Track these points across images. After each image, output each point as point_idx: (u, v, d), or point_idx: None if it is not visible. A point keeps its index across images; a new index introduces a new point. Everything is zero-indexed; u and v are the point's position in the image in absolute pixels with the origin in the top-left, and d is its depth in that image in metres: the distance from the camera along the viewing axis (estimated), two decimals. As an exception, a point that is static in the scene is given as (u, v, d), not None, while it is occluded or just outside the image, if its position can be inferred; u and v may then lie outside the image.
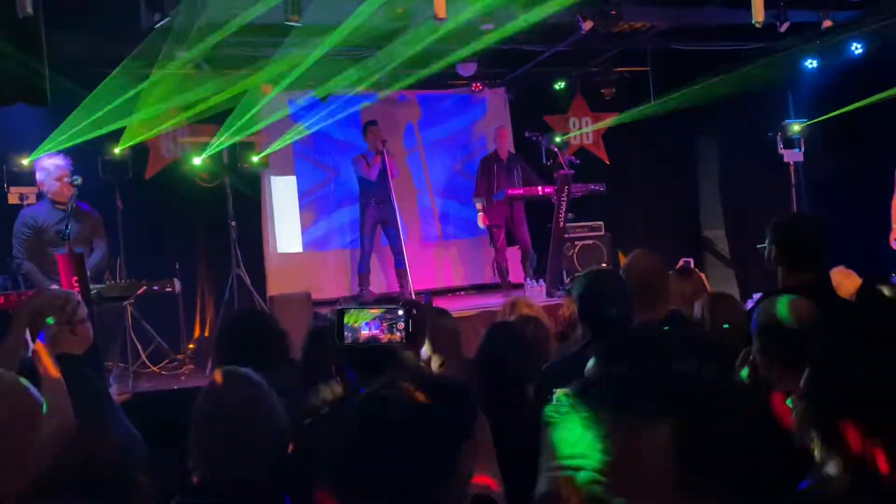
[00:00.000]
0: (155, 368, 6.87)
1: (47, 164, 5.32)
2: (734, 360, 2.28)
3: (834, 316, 2.55)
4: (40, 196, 5.72)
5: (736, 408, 1.26)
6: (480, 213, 8.06)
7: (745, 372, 2.21)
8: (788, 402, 1.92)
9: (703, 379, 1.28)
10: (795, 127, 8.30)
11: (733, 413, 1.23)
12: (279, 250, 8.57)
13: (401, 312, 1.72)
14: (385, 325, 1.72)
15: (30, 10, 2.42)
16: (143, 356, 6.72)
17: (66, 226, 4.83)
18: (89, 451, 2.50)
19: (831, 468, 1.47)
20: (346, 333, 1.73)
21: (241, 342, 2.78)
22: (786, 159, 8.32)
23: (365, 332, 1.73)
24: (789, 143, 8.32)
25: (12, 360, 2.51)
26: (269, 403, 1.92)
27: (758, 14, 4.56)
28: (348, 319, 1.72)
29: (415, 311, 1.74)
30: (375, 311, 1.74)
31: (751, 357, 2.22)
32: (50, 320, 2.81)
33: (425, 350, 2.58)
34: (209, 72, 7.25)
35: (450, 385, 1.41)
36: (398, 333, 1.71)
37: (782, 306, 2.20)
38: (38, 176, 5.38)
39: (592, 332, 2.76)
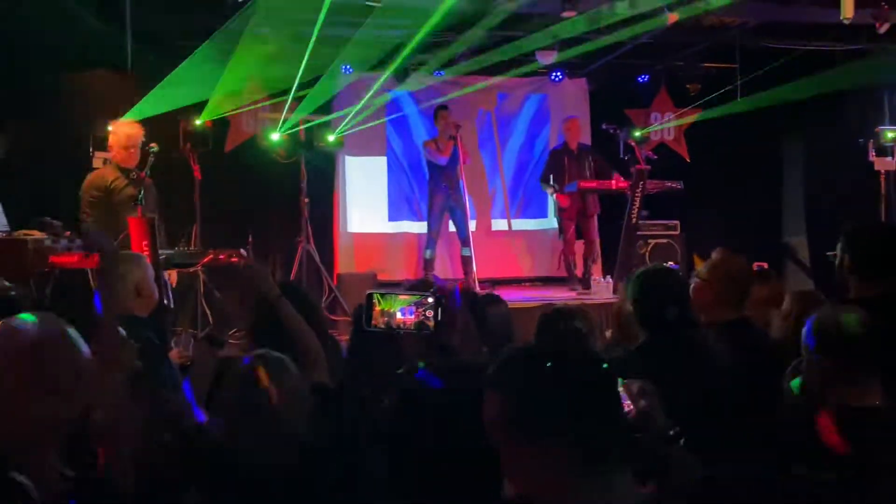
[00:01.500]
0: (224, 338, 7.05)
1: (119, 131, 5.42)
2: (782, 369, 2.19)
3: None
4: (106, 161, 5.81)
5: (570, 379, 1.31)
6: (555, 196, 7.94)
7: (795, 382, 2.12)
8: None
9: (543, 353, 1.35)
10: (890, 134, 7.91)
11: (565, 383, 1.29)
12: (350, 230, 8.68)
13: (431, 300, 1.70)
14: (420, 311, 1.71)
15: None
16: (212, 324, 6.90)
17: (140, 191, 4.95)
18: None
19: None
20: (381, 318, 1.73)
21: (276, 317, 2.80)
22: (876, 167, 7.95)
23: (399, 318, 1.73)
24: (882, 151, 7.95)
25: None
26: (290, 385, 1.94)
27: (847, 10, 4.33)
28: (384, 305, 1.73)
29: (444, 300, 1.72)
30: (408, 298, 1.74)
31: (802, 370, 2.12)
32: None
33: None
34: (292, 50, 7.35)
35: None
36: (430, 321, 1.71)
37: (828, 318, 2.09)
38: (110, 140, 5.46)
39: (649, 333, 2.67)
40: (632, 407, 1.81)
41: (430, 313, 1.72)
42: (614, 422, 1.34)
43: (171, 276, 5.32)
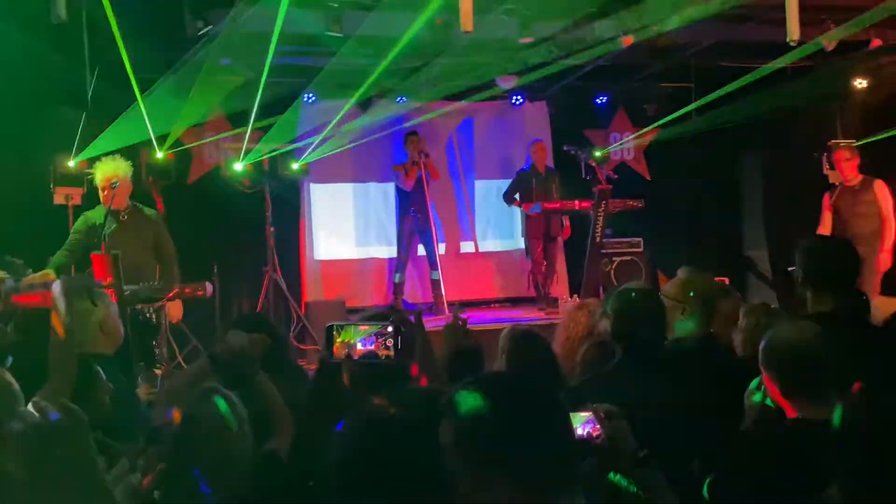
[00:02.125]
0: (191, 370, 6.98)
1: (98, 168, 5.41)
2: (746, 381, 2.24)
3: (859, 344, 2.48)
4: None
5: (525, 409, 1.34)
6: (522, 206, 8.11)
7: (757, 396, 2.17)
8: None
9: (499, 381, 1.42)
10: (842, 147, 8.10)
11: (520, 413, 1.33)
12: (316, 257, 8.66)
13: (390, 329, 1.72)
14: (380, 341, 1.73)
15: (63, 16, 2.48)
16: (180, 357, 6.84)
17: (103, 227, 4.92)
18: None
19: None
20: (342, 350, 1.75)
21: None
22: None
23: (360, 349, 1.74)
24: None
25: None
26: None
27: (793, 33, 4.46)
28: (344, 336, 1.74)
29: (403, 329, 1.74)
30: (367, 328, 1.75)
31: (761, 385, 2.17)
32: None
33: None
34: (253, 80, 7.36)
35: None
36: (389, 350, 1.72)
37: (781, 337, 2.14)
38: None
39: (624, 351, 2.71)
40: (600, 432, 1.84)
41: (389, 342, 1.73)
42: (566, 450, 1.36)
43: (177, 310, 5.34)
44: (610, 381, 2.58)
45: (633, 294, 2.80)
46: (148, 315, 5.11)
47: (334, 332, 1.75)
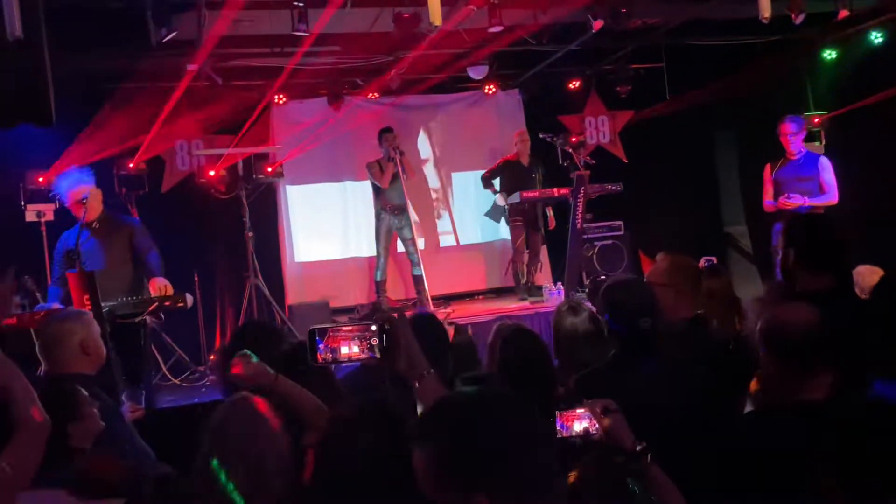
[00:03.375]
0: (176, 381, 6.91)
1: (62, 186, 5.33)
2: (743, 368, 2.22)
3: (850, 319, 2.47)
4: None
5: (500, 426, 1.30)
6: (495, 191, 8.15)
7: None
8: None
9: (472, 400, 1.37)
10: (815, 119, 8.15)
11: (496, 431, 1.28)
12: (297, 259, 8.58)
13: (374, 328, 1.69)
14: (364, 342, 1.69)
15: (19, 33, 2.41)
16: (164, 369, 6.76)
17: (75, 243, 4.84)
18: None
19: None
20: (326, 353, 1.71)
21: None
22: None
23: (344, 352, 1.71)
24: (809, 136, 8.16)
25: None
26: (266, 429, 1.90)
27: (764, 10, 4.45)
28: (328, 339, 1.70)
29: (387, 327, 1.70)
30: (350, 329, 1.71)
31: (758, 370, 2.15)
32: None
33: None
34: (221, 84, 7.27)
35: None
36: (374, 350, 1.69)
37: (776, 319, 2.12)
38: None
39: (623, 344, 2.68)
40: (597, 427, 1.82)
41: (374, 342, 1.70)
42: (548, 467, 1.33)
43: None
44: (606, 376, 2.55)
45: (629, 287, 2.77)
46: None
47: (317, 337, 1.71)
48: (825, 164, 6.54)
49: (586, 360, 2.93)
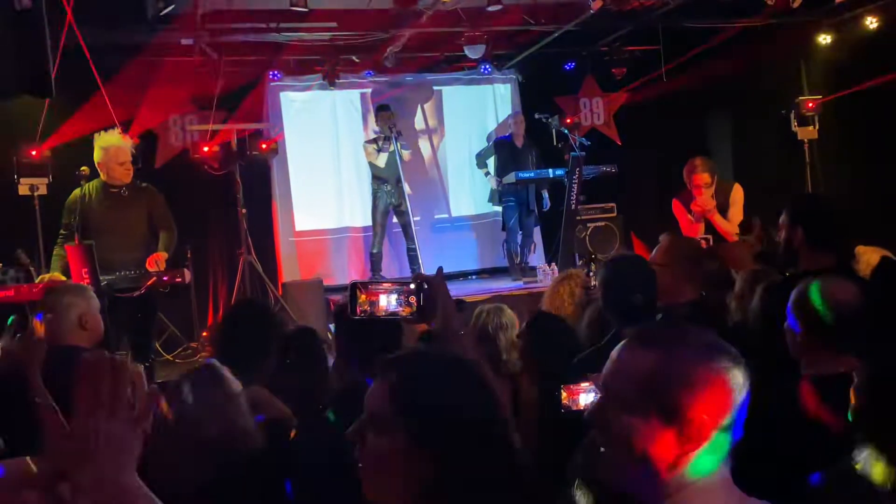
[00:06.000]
0: (169, 357, 6.92)
1: (109, 144, 5.21)
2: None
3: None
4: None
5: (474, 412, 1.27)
6: (491, 177, 8.13)
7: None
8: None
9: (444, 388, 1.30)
10: (810, 103, 8.17)
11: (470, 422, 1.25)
12: (291, 237, 8.57)
13: (413, 286, 1.73)
14: (403, 297, 1.73)
15: (27, 3, 2.40)
16: (157, 345, 6.75)
17: (75, 217, 4.81)
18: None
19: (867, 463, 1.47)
20: (365, 306, 1.75)
21: (236, 335, 2.77)
22: (800, 136, 8.21)
23: (382, 306, 1.74)
24: (804, 121, 8.21)
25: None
26: (230, 406, 1.93)
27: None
28: (367, 294, 1.75)
29: (426, 286, 1.73)
30: (389, 286, 1.76)
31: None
32: None
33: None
34: (217, 59, 7.22)
35: None
36: (410, 307, 1.72)
37: (816, 291, 2.14)
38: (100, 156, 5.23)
39: (619, 321, 2.70)
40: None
41: (412, 299, 1.73)
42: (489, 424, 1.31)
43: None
44: (606, 354, 2.57)
45: (622, 262, 2.78)
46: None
47: (357, 290, 1.74)
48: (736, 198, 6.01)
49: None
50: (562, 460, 1.92)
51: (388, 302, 1.75)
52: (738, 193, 5.97)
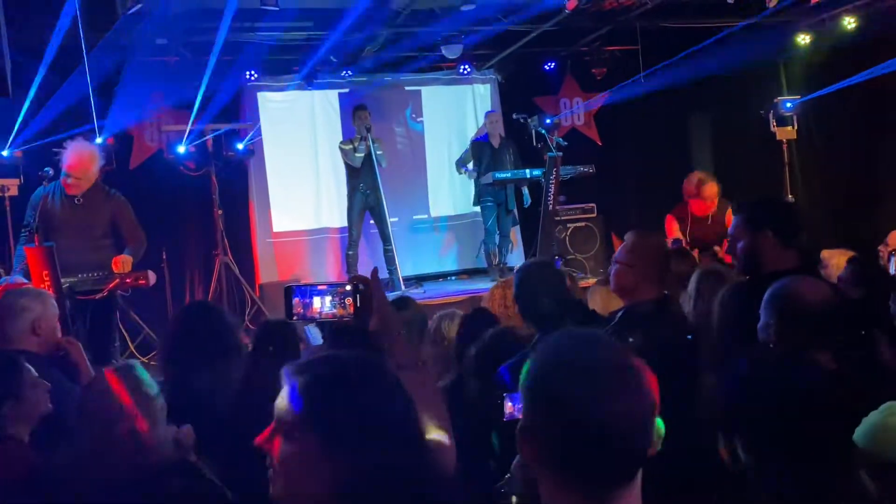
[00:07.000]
0: (143, 359, 6.83)
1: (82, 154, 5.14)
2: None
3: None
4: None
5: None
6: (470, 172, 8.09)
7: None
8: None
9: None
10: (788, 104, 8.18)
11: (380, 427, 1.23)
12: (268, 238, 8.50)
13: (349, 288, 1.71)
14: (338, 299, 1.72)
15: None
16: (132, 347, 6.69)
17: (35, 215, 4.75)
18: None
19: None
20: (298, 308, 1.75)
21: (186, 337, 2.74)
22: (779, 137, 8.21)
23: (316, 308, 1.73)
24: (782, 121, 8.21)
25: None
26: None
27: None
28: (301, 297, 1.74)
29: (362, 287, 1.71)
30: (324, 287, 1.74)
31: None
32: None
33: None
34: (189, 58, 7.15)
35: None
36: (345, 308, 1.71)
37: (791, 289, 2.14)
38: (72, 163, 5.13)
39: (536, 326, 2.69)
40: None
41: (348, 301, 1.71)
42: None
43: None
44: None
45: (531, 269, 2.79)
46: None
47: (292, 293, 1.75)
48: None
49: None
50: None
51: (322, 304, 1.74)
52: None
